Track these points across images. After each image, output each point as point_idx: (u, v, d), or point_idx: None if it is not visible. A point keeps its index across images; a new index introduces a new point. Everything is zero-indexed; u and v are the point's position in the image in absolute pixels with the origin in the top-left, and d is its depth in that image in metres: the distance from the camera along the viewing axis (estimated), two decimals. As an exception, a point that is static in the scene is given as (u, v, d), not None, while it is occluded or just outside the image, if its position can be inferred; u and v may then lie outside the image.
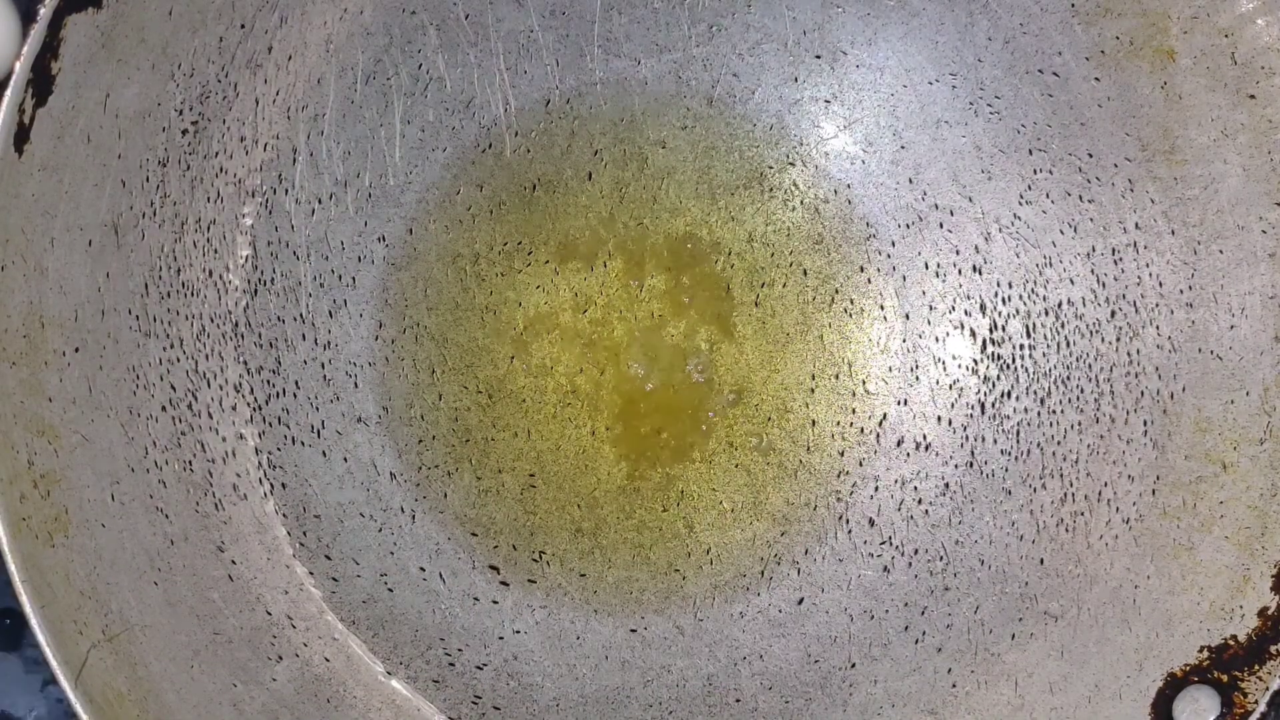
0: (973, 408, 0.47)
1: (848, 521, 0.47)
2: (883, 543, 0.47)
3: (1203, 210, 0.44)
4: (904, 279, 0.47)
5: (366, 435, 0.47)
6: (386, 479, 0.47)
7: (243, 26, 0.43)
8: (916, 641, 0.46)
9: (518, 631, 0.47)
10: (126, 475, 0.42)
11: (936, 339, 0.47)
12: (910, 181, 0.47)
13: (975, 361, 0.47)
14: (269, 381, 0.46)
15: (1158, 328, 0.45)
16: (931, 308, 0.47)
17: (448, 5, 0.46)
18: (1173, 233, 0.44)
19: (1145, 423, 0.45)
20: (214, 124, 0.43)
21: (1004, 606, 0.45)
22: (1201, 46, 0.42)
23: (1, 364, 0.38)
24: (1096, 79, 0.44)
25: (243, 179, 0.45)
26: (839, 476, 0.48)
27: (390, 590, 0.47)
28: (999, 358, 0.47)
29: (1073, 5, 0.44)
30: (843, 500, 0.47)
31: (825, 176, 0.48)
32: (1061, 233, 0.46)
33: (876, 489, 0.47)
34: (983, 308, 0.47)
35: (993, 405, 0.47)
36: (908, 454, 0.47)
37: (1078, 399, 0.46)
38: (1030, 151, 0.46)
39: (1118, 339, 0.45)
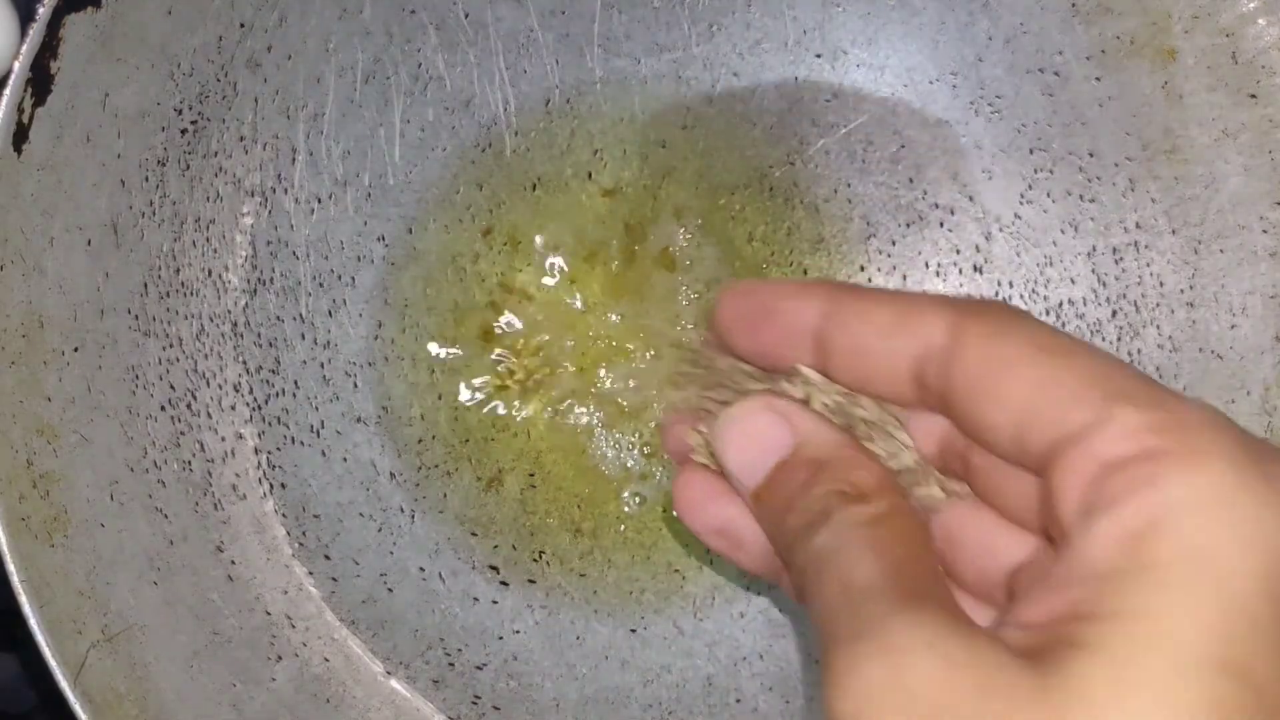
0: (973, 407, 0.47)
1: (848, 521, 0.47)
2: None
3: (1204, 209, 0.44)
4: (904, 279, 0.47)
5: (366, 435, 0.47)
6: (386, 479, 0.47)
7: (242, 26, 0.43)
8: (917, 641, 0.46)
9: (518, 631, 0.47)
10: (126, 475, 0.42)
11: (937, 339, 0.47)
12: (910, 181, 0.47)
13: (976, 361, 0.47)
14: (268, 381, 0.46)
15: (1158, 327, 0.45)
16: (932, 307, 0.47)
17: (448, 5, 0.45)
18: (1174, 232, 0.44)
19: (1146, 423, 0.44)
20: (213, 124, 0.43)
21: (1004, 606, 0.45)
22: (1202, 46, 0.42)
23: (1, 364, 0.38)
24: (1097, 78, 0.44)
25: (242, 179, 0.45)
26: (839, 476, 0.48)
27: (390, 590, 0.47)
28: (999, 357, 0.47)
29: (1073, 4, 0.44)
30: (843, 500, 0.47)
31: (825, 176, 0.48)
32: (1062, 232, 0.46)
33: (877, 489, 0.47)
34: (983, 307, 0.47)
35: (993, 405, 0.47)
36: (908, 454, 0.47)
37: (1078, 399, 0.46)
38: (1031, 151, 0.46)
39: (1118, 339, 0.45)
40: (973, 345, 0.26)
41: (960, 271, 0.47)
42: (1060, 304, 0.46)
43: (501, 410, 0.47)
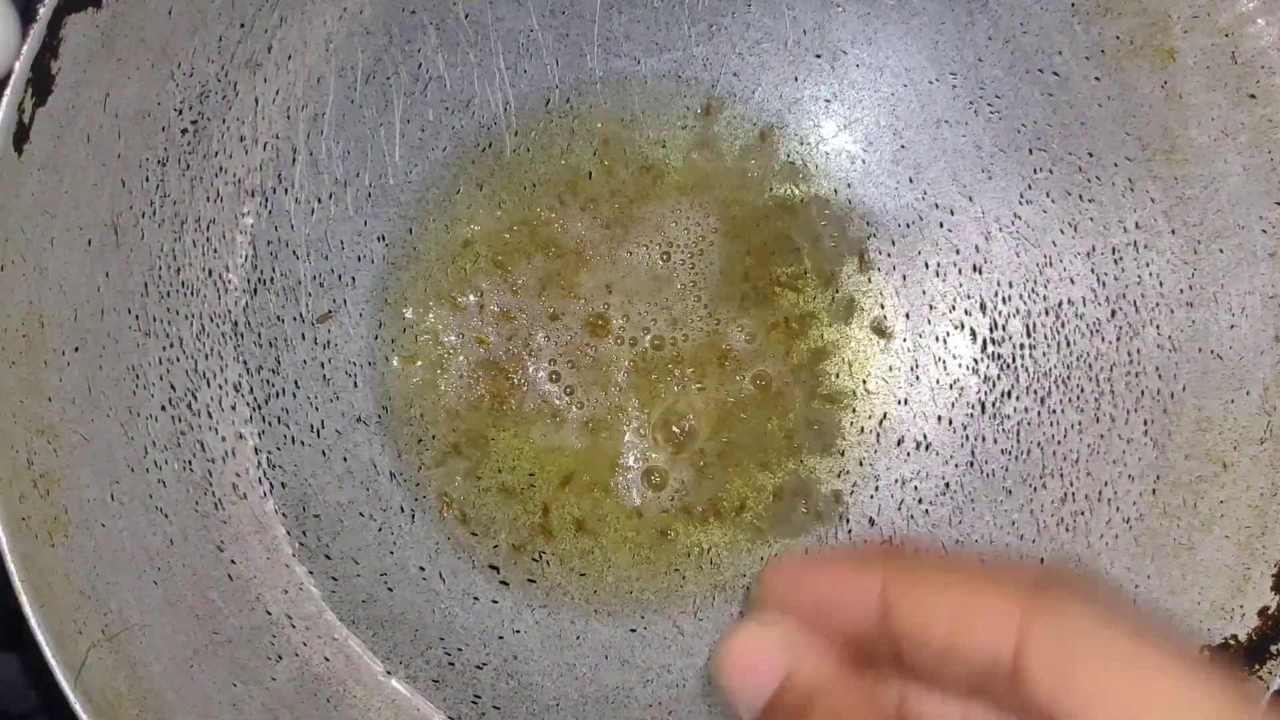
0: (973, 407, 0.47)
1: (848, 521, 0.47)
2: (883, 542, 0.47)
3: (1203, 209, 0.44)
4: (904, 278, 0.47)
5: (366, 435, 0.47)
6: (386, 479, 0.47)
7: (242, 26, 0.43)
8: (917, 641, 0.46)
9: (518, 631, 0.47)
10: (126, 475, 0.42)
11: (937, 338, 0.47)
12: (910, 181, 0.47)
13: (975, 361, 0.47)
14: (269, 381, 0.46)
15: (1158, 327, 0.45)
16: (932, 307, 0.47)
17: (448, 5, 0.45)
18: (1173, 232, 0.44)
19: (1145, 422, 0.45)
20: (214, 124, 0.43)
21: (1004, 606, 0.45)
22: (1202, 46, 0.42)
23: (1, 364, 0.38)
24: (1097, 78, 0.44)
25: (242, 179, 0.45)
26: (839, 476, 0.48)
27: (390, 590, 0.47)
28: (999, 357, 0.47)
29: (1073, 5, 0.44)
30: (843, 500, 0.47)
31: (825, 176, 0.48)
32: (1062, 232, 0.46)
33: (876, 489, 0.47)
34: (983, 307, 0.47)
35: (993, 405, 0.47)
36: (908, 453, 0.47)
37: (1078, 399, 0.46)
38: (1030, 151, 0.46)
39: (1118, 338, 0.45)
40: (1041, 655, 0.24)
41: (960, 271, 0.47)
42: (1059, 304, 0.46)
43: (502, 410, 0.47)
